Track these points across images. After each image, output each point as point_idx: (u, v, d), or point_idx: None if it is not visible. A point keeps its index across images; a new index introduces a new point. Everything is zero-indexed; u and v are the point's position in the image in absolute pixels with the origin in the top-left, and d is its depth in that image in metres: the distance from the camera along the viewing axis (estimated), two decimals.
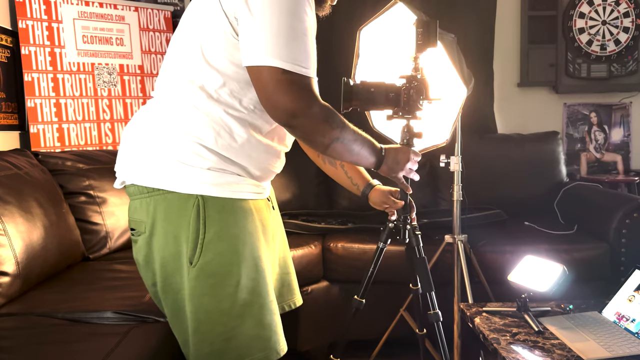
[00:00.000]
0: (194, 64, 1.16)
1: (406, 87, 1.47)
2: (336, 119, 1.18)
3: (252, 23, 1.08)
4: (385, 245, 1.71)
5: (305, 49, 1.13)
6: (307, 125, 1.15)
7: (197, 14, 1.18)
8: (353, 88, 1.46)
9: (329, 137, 1.18)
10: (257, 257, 1.20)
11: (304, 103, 1.11)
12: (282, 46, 1.08)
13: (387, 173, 1.38)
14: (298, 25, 1.11)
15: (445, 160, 2.07)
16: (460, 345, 2.04)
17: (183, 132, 1.15)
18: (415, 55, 1.52)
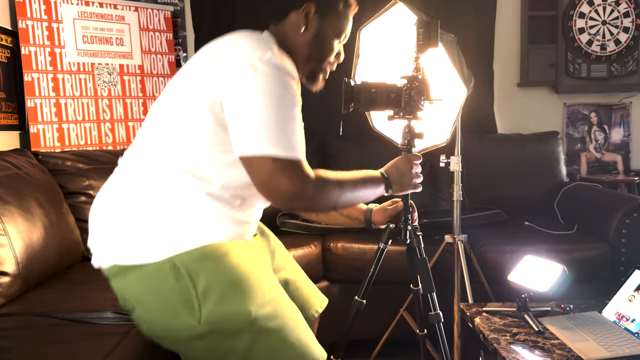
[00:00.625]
0: (172, 143, 1.16)
1: (407, 88, 1.47)
2: (331, 183, 1.21)
3: (241, 112, 1.10)
4: (386, 246, 1.71)
5: (294, 133, 1.13)
6: (306, 203, 1.18)
7: (179, 92, 1.19)
8: (354, 88, 1.47)
9: (330, 202, 1.23)
10: (259, 281, 1.18)
11: (298, 187, 1.12)
12: (272, 134, 1.10)
13: (401, 190, 1.40)
14: (286, 110, 1.12)
15: (445, 160, 2.07)
16: (460, 345, 2.04)
17: (154, 206, 1.15)
18: (416, 55, 1.52)
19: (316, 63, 1.35)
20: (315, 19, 1.31)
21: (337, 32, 1.35)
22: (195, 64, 1.18)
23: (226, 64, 1.12)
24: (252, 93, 1.10)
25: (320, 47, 1.33)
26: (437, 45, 1.50)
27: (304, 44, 1.32)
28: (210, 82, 1.13)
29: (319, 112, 3.14)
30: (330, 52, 1.36)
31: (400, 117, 1.52)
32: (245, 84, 1.10)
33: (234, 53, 1.13)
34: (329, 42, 1.34)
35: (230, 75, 1.11)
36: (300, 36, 1.31)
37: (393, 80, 1.53)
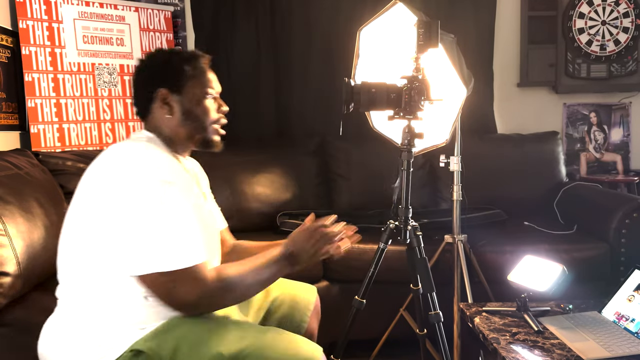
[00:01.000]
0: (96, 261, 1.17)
1: (407, 88, 1.48)
2: (233, 281, 1.19)
3: (130, 236, 1.11)
4: (386, 246, 1.71)
5: (183, 242, 1.13)
6: (212, 306, 1.20)
7: (82, 221, 1.19)
8: (354, 89, 1.47)
9: (236, 297, 1.23)
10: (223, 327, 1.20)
11: (197, 294, 1.14)
12: (161, 252, 1.11)
13: (307, 263, 1.31)
14: (174, 227, 1.12)
15: (445, 160, 2.07)
16: (460, 345, 2.05)
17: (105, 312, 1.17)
18: (416, 55, 1.52)
19: (200, 133, 1.33)
20: (174, 98, 1.29)
21: (203, 94, 1.32)
22: (83, 198, 1.20)
23: (108, 193, 1.14)
24: (129, 216, 1.11)
25: (195, 119, 1.31)
26: (437, 45, 1.51)
27: (177, 127, 1.30)
28: (97, 214, 1.15)
29: (319, 112, 3.15)
30: (208, 114, 1.33)
31: (400, 117, 1.52)
32: (125, 208, 1.12)
33: (114, 178, 1.14)
34: (201, 108, 1.32)
35: (112, 202, 1.13)
36: (170, 121, 1.30)
37: (393, 81, 1.53)
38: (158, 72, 1.30)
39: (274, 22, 3.10)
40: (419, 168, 2.86)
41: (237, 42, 3.08)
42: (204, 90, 1.32)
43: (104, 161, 1.20)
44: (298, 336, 1.27)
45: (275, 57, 3.12)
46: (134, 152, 1.18)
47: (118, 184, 1.13)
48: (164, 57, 1.33)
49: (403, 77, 1.53)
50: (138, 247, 1.12)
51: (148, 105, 1.32)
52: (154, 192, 1.12)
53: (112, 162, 1.18)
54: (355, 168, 2.89)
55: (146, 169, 1.14)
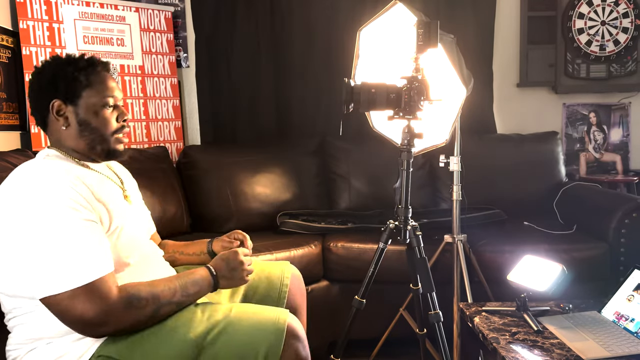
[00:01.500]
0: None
1: (407, 88, 1.48)
2: (141, 297, 1.14)
3: (25, 260, 1.09)
4: (385, 246, 1.71)
5: (77, 259, 1.09)
6: (114, 322, 1.12)
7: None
8: (354, 89, 1.47)
9: (146, 316, 1.15)
10: (189, 314, 1.21)
11: (94, 310, 1.08)
12: (54, 273, 1.07)
13: (229, 285, 1.34)
14: (64, 245, 1.09)
15: (445, 160, 2.07)
16: (459, 344, 2.05)
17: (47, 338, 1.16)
18: (416, 56, 1.52)
19: (101, 143, 1.28)
20: (70, 109, 1.25)
21: (100, 103, 1.26)
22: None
23: (4, 221, 1.12)
24: (19, 240, 1.09)
25: (93, 130, 1.26)
26: (436, 45, 1.51)
27: (76, 138, 1.26)
28: (4, 243, 1.13)
29: (319, 112, 3.16)
30: (107, 124, 1.28)
31: (400, 117, 1.53)
32: (12, 234, 1.10)
33: (6, 207, 1.12)
34: (98, 118, 1.27)
35: (7, 228, 1.11)
36: (68, 133, 1.26)
37: (393, 81, 1.53)
38: (51, 82, 1.24)
39: (274, 22, 3.10)
40: (419, 168, 2.87)
41: (237, 42, 3.08)
42: (102, 100, 1.26)
43: (2, 188, 1.17)
44: (263, 306, 1.27)
45: (275, 57, 3.13)
46: (24, 175, 1.16)
47: (10, 210, 1.12)
48: (58, 65, 1.26)
49: (403, 77, 1.53)
50: (31, 271, 1.09)
51: (45, 117, 1.27)
52: (41, 214, 1.09)
53: (7, 188, 1.16)
54: (355, 168, 2.89)
55: (32, 191, 1.11)
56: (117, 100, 1.31)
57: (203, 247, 1.57)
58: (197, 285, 1.25)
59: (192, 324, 1.17)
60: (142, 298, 1.14)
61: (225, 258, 1.33)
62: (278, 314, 1.21)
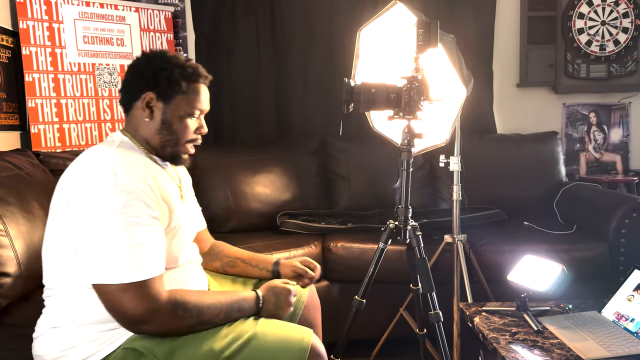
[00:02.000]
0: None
1: (407, 88, 1.48)
2: (187, 308, 1.17)
3: (85, 245, 1.12)
4: (385, 246, 1.71)
5: (139, 255, 1.13)
6: (157, 328, 1.15)
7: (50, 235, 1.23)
8: (354, 89, 1.47)
9: (184, 327, 1.18)
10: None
11: (142, 309, 1.12)
12: (115, 263, 1.11)
13: (267, 317, 1.32)
14: (129, 239, 1.12)
15: (445, 160, 2.07)
16: (459, 344, 2.05)
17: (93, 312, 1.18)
18: (416, 55, 1.52)
19: (172, 148, 1.32)
20: (159, 105, 1.28)
21: (187, 112, 1.30)
22: (54, 203, 1.22)
23: (70, 201, 1.15)
24: (88, 225, 1.12)
25: (171, 132, 1.30)
26: (436, 45, 1.51)
27: (154, 133, 1.30)
28: (63, 221, 1.17)
29: (319, 112, 3.16)
30: (186, 132, 1.31)
31: (400, 117, 1.53)
32: (82, 217, 1.13)
33: (75, 187, 1.16)
34: (180, 124, 1.30)
35: (72, 210, 1.15)
36: (148, 125, 1.29)
37: (393, 81, 1.53)
38: (154, 74, 1.27)
39: (274, 22, 3.10)
40: (419, 168, 2.87)
41: (237, 42, 3.08)
42: (190, 110, 1.30)
43: (74, 167, 1.21)
44: (288, 323, 1.28)
45: (275, 57, 3.13)
46: (100, 160, 1.18)
47: (80, 192, 1.14)
48: (167, 63, 1.29)
49: (403, 77, 1.53)
50: (90, 256, 1.12)
51: (131, 101, 1.30)
52: (112, 203, 1.12)
53: (79, 169, 1.19)
54: (355, 168, 2.89)
55: (107, 178, 1.14)
56: (203, 113, 1.35)
57: (268, 265, 1.56)
58: (241, 312, 1.26)
59: (218, 335, 1.19)
60: (187, 309, 1.17)
61: (277, 293, 1.32)
62: (303, 334, 1.21)
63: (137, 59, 1.32)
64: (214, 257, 1.59)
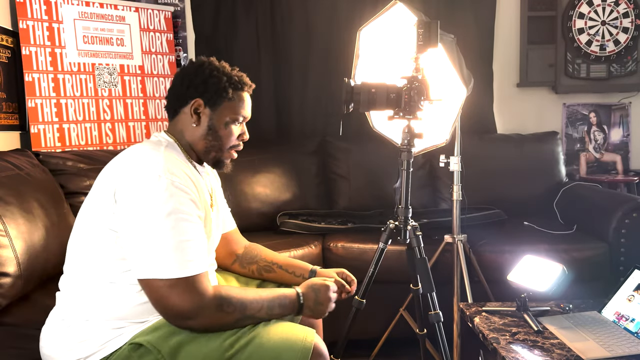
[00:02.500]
0: (96, 261, 1.22)
1: (407, 88, 1.48)
2: (232, 304, 1.19)
3: (135, 240, 1.14)
4: (385, 246, 1.71)
5: (184, 250, 1.15)
6: (203, 323, 1.17)
7: (86, 224, 1.25)
8: (354, 89, 1.47)
9: (229, 322, 1.20)
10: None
11: (190, 304, 1.14)
12: (163, 259, 1.13)
13: (309, 316, 1.36)
14: (178, 235, 1.15)
15: (445, 160, 2.07)
16: (459, 344, 2.05)
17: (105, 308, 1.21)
18: (416, 55, 1.52)
19: (216, 153, 1.36)
20: (206, 111, 1.33)
21: (232, 118, 1.35)
22: (96, 194, 1.24)
23: (119, 195, 1.18)
24: (139, 219, 1.14)
25: (217, 138, 1.35)
26: (437, 45, 1.51)
27: (199, 138, 1.34)
28: (107, 213, 1.19)
29: (319, 112, 3.16)
30: (230, 138, 1.36)
31: (400, 117, 1.52)
32: (133, 211, 1.15)
33: (126, 181, 1.18)
34: (226, 130, 1.35)
35: (121, 204, 1.17)
36: (194, 131, 1.34)
37: (393, 81, 1.53)
38: (203, 82, 1.32)
39: (274, 22, 3.10)
40: (419, 168, 2.87)
41: (237, 42, 3.08)
42: (235, 116, 1.35)
43: (123, 162, 1.23)
44: (291, 323, 1.29)
45: (275, 57, 3.13)
46: (152, 157, 1.21)
47: (132, 187, 1.16)
48: (214, 72, 1.34)
49: (403, 77, 1.53)
50: (140, 251, 1.14)
51: (179, 107, 1.35)
52: (171, 199, 1.15)
53: (131, 164, 1.21)
54: (355, 168, 2.89)
55: (160, 175, 1.17)
56: (246, 120, 1.41)
57: (305, 272, 1.56)
58: (283, 308, 1.28)
59: (222, 334, 1.19)
60: (232, 304, 1.19)
61: (316, 289, 1.33)
62: (306, 333, 1.22)
63: (187, 66, 1.38)
64: (250, 260, 1.59)
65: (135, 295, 1.20)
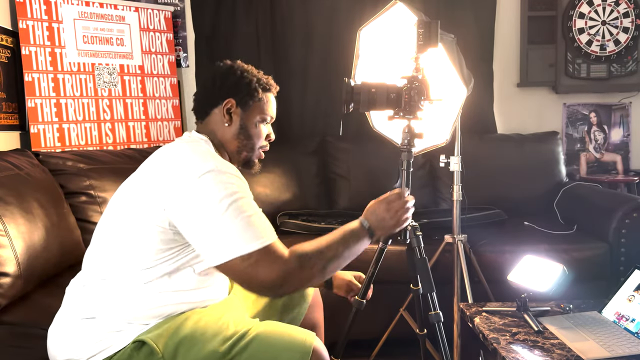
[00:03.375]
0: (123, 259, 1.23)
1: (407, 88, 1.47)
2: (310, 256, 1.20)
3: (202, 229, 1.15)
4: (386, 246, 1.71)
5: (251, 224, 1.16)
6: (293, 285, 1.19)
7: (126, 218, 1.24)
8: (354, 89, 1.47)
9: (316, 273, 1.21)
10: (220, 325, 1.23)
11: (276, 272, 1.15)
12: (230, 237, 1.14)
13: (385, 233, 1.37)
14: (242, 213, 1.15)
15: (445, 160, 2.07)
16: (460, 344, 2.05)
17: (113, 306, 1.22)
18: (416, 55, 1.52)
19: (247, 152, 1.39)
20: (238, 111, 1.36)
21: (262, 118, 1.39)
22: (139, 189, 1.24)
23: (171, 189, 1.17)
24: (199, 207, 1.14)
25: (248, 137, 1.38)
26: (437, 45, 1.50)
27: (231, 138, 1.37)
28: (155, 208, 1.18)
29: (319, 112, 3.16)
30: (259, 137, 1.40)
31: (400, 117, 1.52)
32: (191, 200, 1.15)
33: (177, 177, 1.18)
34: (256, 129, 1.39)
35: (176, 197, 1.16)
36: (226, 130, 1.37)
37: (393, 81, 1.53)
38: (235, 84, 1.36)
39: (274, 22, 3.10)
40: (419, 168, 2.86)
41: (237, 42, 3.08)
42: (263, 116, 1.39)
43: (165, 158, 1.24)
44: (291, 325, 1.30)
45: (275, 57, 3.12)
46: (198, 151, 1.24)
47: (186, 181, 1.16)
48: (245, 74, 1.38)
49: (403, 77, 1.53)
50: (214, 236, 1.14)
51: (211, 108, 1.37)
52: (224, 182, 1.16)
53: (178, 160, 1.21)
54: (355, 168, 2.89)
55: (210, 165, 1.18)
56: (272, 120, 1.44)
57: None
58: (356, 238, 1.29)
59: (222, 336, 1.20)
60: (310, 258, 1.20)
61: (371, 209, 1.36)
62: (305, 336, 1.23)
63: (218, 67, 1.40)
64: None
65: (145, 298, 1.21)
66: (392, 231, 1.38)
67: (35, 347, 1.31)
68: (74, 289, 1.29)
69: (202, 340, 1.18)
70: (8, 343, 1.37)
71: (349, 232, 1.30)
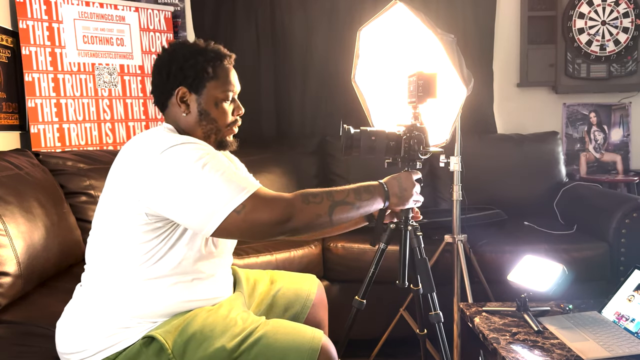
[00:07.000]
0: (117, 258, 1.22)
1: (407, 137, 1.49)
2: (316, 193, 1.19)
3: (183, 199, 1.11)
4: (386, 246, 1.71)
5: (233, 180, 1.13)
6: (300, 220, 1.15)
7: (110, 212, 1.22)
8: (354, 136, 1.48)
9: (324, 211, 1.18)
10: (227, 322, 1.23)
11: (279, 209, 1.12)
12: (221, 195, 1.10)
13: (398, 204, 1.37)
14: (218, 170, 1.12)
15: (445, 160, 2.06)
16: (460, 344, 2.05)
17: (118, 303, 1.21)
18: (415, 104, 1.53)
19: (216, 134, 1.32)
20: (192, 97, 1.28)
21: (221, 97, 1.30)
22: (114, 185, 1.22)
23: (138, 176, 1.15)
24: (172, 178, 1.11)
25: (211, 121, 1.30)
26: (436, 96, 1.51)
27: (194, 125, 1.30)
28: (130, 201, 1.16)
29: (319, 112, 3.16)
30: (224, 117, 1.32)
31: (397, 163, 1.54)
32: (161, 175, 1.12)
33: (139, 159, 1.16)
34: (218, 110, 1.30)
35: (145, 180, 1.13)
36: (187, 119, 1.30)
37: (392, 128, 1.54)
38: (181, 69, 1.27)
39: (274, 22, 3.10)
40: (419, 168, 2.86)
41: (237, 42, 3.08)
42: (224, 94, 1.30)
43: (135, 146, 1.20)
44: (298, 323, 1.28)
45: (275, 57, 3.12)
46: (164, 133, 1.21)
47: (147, 158, 1.14)
48: (188, 54, 1.29)
49: (400, 125, 1.54)
50: (197, 205, 1.10)
51: (166, 100, 1.31)
52: (190, 153, 1.13)
53: (144, 144, 1.18)
54: (355, 168, 2.89)
55: (172, 139, 1.15)
56: (236, 94, 1.35)
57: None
58: (369, 193, 1.28)
59: (229, 333, 1.19)
60: (316, 195, 1.18)
61: (398, 177, 1.37)
62: (313, 333, 1.22)
63: (160, 56, 1.32)
64: None
65: (153, 295, 1.21)
66: (403, 204, 1.38)
67: (37, 345, 1.31)
68: (83, 284, 1.28)
69: (211, 337, 1.18)
70: (10, 341, 1.37)
71: (365, 185, 1.29)
